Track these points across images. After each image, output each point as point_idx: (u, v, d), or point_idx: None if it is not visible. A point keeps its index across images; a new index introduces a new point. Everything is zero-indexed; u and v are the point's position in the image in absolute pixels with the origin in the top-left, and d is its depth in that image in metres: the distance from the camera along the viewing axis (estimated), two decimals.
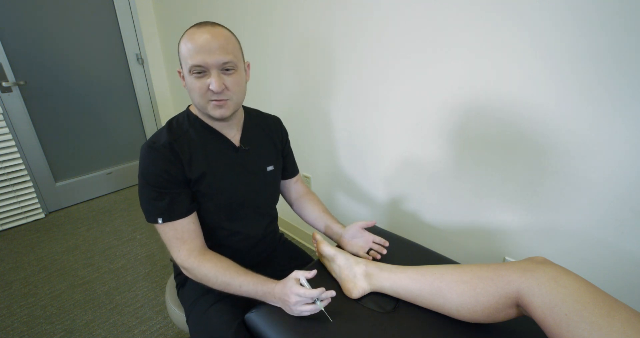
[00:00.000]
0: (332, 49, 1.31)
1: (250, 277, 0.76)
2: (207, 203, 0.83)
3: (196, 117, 0.84)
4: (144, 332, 1.37)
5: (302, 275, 0.72)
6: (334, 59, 1.33)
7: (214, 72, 0.73)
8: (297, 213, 1.08)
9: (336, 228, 0.95)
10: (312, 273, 0.72)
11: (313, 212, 1.02)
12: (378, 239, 0.93)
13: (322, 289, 0.70)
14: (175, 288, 1.00)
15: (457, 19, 0.95)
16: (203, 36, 0.72)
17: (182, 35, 0.75)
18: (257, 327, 0.74)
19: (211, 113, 0.77)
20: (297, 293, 0.69)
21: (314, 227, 1.03)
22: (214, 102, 0.76)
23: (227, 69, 0.74)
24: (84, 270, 1.74)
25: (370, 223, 0.92)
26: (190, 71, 0.73)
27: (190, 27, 0.75)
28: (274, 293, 0.73)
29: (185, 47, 0.73)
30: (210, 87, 0.73)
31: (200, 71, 0.72)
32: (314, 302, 0.71)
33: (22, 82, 1.98)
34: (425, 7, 1.00)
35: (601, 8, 0.73)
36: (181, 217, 0.78)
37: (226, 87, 0.75)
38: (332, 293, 0.72)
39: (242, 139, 0.88)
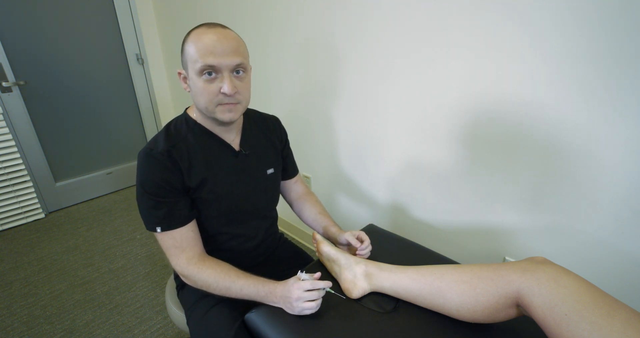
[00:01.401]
0: (332, 49, 1.31)
1: (250, 280, 0.76)
2: (208, 209, 0.82)
3: (195, 122, 0.82)
4: (144, 332, 1.37)
5: (302, 272, 0.74)
6: (334, 59, 1.33)
7: (226, 75, 0.71)
8: (296, 213, 1.08)
9: (332, 232, 0.94)
10: (317, 275, 0.74)
11: (311, 214, 1.02)
12: (365, 251, 0.88)
13: (328, 282, 0.72)
14: (175, 290, 1.00)
15: (457, 19, 0.95)
16: (215, 37, 0.70)
17: (188, 36, 0.73)
18: (257, 327, 0.74)
19: (219, 117, 0.75)
20: (301, 287, 0.70)
21: (312, 228, 1.03)
22: (225, 106, 0.74)
23: (238, 72, 0.73)
24: (84, 270, 1.73)
25: (357, 239, 0.88)
26: (199, 73, 0.70)
27: (197, 27, 0.73)
28: (275, 292, 0.73)
29: (195, 47, 0.70)
30: (223, 90, 0.71)
31: (211, 72, 0.70)
32: (314, 300, 0.71)
33: (22, 82, 1.97)
34: (426, 7, 1.00)
35: (601, 8, 0.73)
36: (180, 226, 0.77)
37: (237, 91, 0.73)
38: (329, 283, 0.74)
39: (241, 143, 0.87)
